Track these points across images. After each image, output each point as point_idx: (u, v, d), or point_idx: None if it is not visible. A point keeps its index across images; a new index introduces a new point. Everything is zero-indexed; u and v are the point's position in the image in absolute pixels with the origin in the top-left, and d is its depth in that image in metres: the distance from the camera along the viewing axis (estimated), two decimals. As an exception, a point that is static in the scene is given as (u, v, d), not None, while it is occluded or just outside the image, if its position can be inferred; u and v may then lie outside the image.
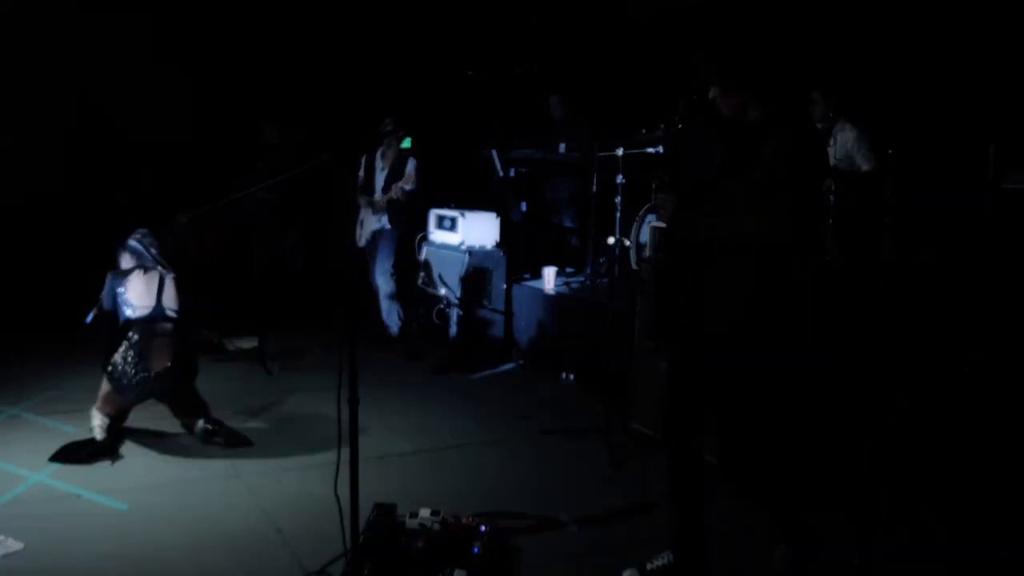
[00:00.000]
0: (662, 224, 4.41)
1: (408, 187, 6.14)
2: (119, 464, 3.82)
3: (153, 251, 4.21)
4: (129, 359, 3.90)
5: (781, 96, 2.56)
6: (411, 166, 6.19)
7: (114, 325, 4.05)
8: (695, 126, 2.56)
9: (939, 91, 5.29)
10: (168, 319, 4.06)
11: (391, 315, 6.43)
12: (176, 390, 4.04)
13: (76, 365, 5.41)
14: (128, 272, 4.10)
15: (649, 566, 2.79)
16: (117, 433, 4.00)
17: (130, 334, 3.95)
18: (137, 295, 4.04)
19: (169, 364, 3.97)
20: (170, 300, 4.09)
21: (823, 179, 2.62)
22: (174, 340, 4.04)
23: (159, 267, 4.16)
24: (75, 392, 4.79)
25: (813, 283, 2.68)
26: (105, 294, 4.09)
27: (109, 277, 4.10)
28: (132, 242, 4.22)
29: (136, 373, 3.89)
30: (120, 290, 4.04)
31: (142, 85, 7.93)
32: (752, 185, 2.49)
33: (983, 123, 5.00)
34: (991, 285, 4.60)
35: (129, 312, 4.01)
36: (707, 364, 2.60)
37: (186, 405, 4.11)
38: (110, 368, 3.92)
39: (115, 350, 3.96)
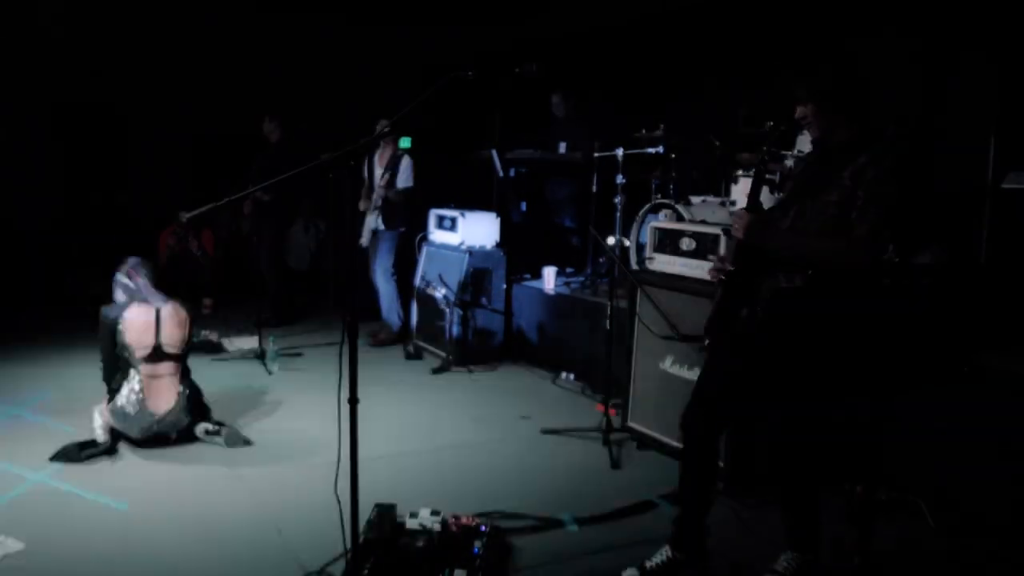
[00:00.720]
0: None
1: (401, 185, 6.14)
2: (119, 464, 3.82)
3: (141, 281, 4.06)
4: (133, 402, 3.88)
5: (869, 117, 2.58)
6: (404, 164, 6.20)
7: (114, 363, 3.99)
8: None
9: (939, 91, 5.29)
10: (169, 356, 3.99)
11: (391, 314, 6.44)
12: (181, 428, 4.00)
13: (76, 365, 5.42)
14: (123, 308, 3.97)
15: (648, 564, 2.80)
16: (117, 433, 3.99)
17: (132, 377, 3.91)
18: (136, 335, 3.92)
19: (174, 403, 3.95)
20: (168, 336, 3.98)
21: (907, 206, 2.71)
22: (177, 379, 4.01)
23: (151, 299, 4.04)
24: (75, 392, 4.79)
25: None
26: (102, 331, 3.97)
27: (103, 313, 3.99)
28: (120, 276, 4.09)
29: (140, 417, 3.88)
30: (120, 330, 3.92)
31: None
32: (827, 207, 2.52)
33: (983, 123, 5.00)
34: (991, 285, 4.60)
35: (128, 355, 3.92)
36: (750, 369, 2.65)
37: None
38: (111, 408, 3.91)
39: (117, 392, 3.92)
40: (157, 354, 3.95)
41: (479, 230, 6.11)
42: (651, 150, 5.59)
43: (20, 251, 7.86)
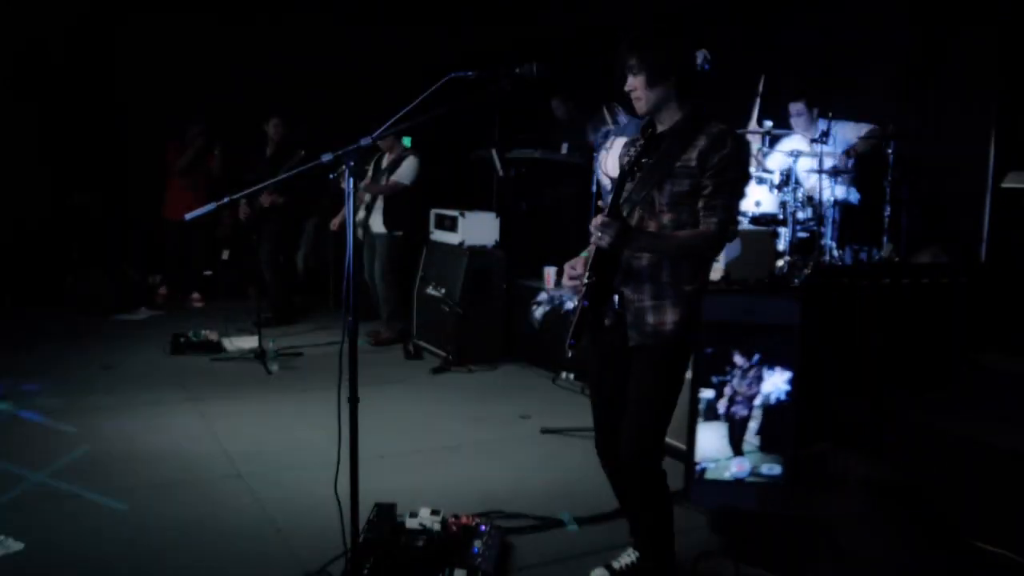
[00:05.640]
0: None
1: (394, 179, 6.14)
2: (119, 464, 3.81)
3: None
4: None
5: (700, 99, 2.48)
6: (407, 163, 6.20)
7: None
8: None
9: (939, 91, 5.29)
10: None
11: (392, 315, 6.43)
12: None
13: (76, 364, 5.42)
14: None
15: (616, 565, 2.78)
16: None
17: None
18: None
19: None
20: None
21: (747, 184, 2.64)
22: None
23: None
24: (75, 392, 4.79)
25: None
26: None
27: None
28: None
29: None
30: None
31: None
32: (679, 198, 2.43)
33: (983, 122, 5.00)
34: (991, 285, 4.60)
35: None
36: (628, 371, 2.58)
37: None
38: None
39: None
40: None
41: (479, 230, 6.11)
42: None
43: (19, 250, 7.84)
